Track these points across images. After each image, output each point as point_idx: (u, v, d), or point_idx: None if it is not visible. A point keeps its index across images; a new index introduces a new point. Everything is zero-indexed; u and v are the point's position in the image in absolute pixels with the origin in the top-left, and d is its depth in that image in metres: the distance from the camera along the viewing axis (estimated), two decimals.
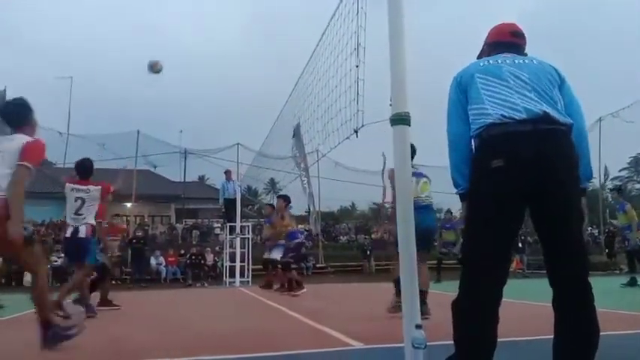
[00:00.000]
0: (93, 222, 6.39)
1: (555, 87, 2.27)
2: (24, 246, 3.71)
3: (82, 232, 6.20)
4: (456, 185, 2.35)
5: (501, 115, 2.14)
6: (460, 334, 2.13)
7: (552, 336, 2.15)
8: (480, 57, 2.59)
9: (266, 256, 11.00)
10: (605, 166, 28.31)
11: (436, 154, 2.41)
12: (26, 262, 3.97)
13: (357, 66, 3.73)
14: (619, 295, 9.15)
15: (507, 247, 2.17)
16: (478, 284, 2.12)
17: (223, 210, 16.17)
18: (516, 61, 2.31)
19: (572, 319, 2.10)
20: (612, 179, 34.52)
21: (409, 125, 2.88)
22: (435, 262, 13.84)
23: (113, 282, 17.75)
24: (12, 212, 3.65)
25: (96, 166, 7.54)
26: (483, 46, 2.60)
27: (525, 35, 2.52)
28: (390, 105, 2.90)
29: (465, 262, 2.22)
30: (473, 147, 2.31)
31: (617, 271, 19.75)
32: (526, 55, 2.46)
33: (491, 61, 2.35)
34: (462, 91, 2.34)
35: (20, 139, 3.87)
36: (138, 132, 25.03)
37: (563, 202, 2.11)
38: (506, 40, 2.49)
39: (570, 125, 2.20)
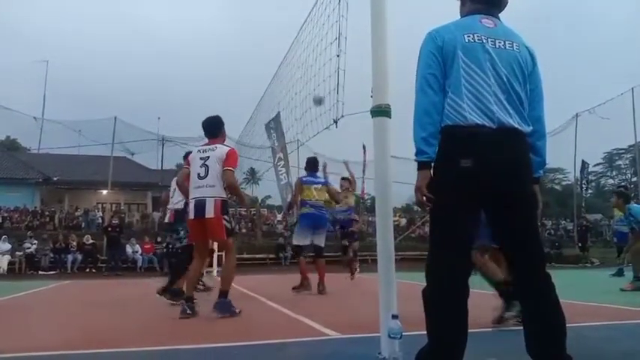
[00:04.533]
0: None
1: (526, 82, 2.30)
2: (227, 234, 5.04)
3: None
4: (420, 152, 2.23)
5: (475, 124, 2.16)
6: (431, 322, 2.16)
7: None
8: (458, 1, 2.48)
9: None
10: (583, 161, 28.76)
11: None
12: (225, 247, 5.32)
13: (337, 55, 3.72)
14: (589, 287, 9.35)
15: (470, 241, 2.24)
16: (445, 275, 2.16)
17: None
18: (497, 44, 2.26)
19: (537, 309, 2.16)
20: (588, 173, 35.20)
21: (390, 117, 2.89)
22: None
23: (87, 270, 17.78)
24: (240, 198, 5.68)
25: (72, 152, 7.47)
26: None
27: None
28: (372, 97, 2.90)
29: (431, 253, 2.25)
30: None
31: (589, 264, 20.16)
32: (500, 20, 2.37)
33: (476, 38, 2.25)
34: (442, 57, 2.24)
35: (222, 149, 5.12)
36: (115, 118, 24.71)
37: (524, 201, 2.22)
38: None
39: (530, 131, 2.28)
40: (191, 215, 5.09)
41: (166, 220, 6.92)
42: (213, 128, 5.35)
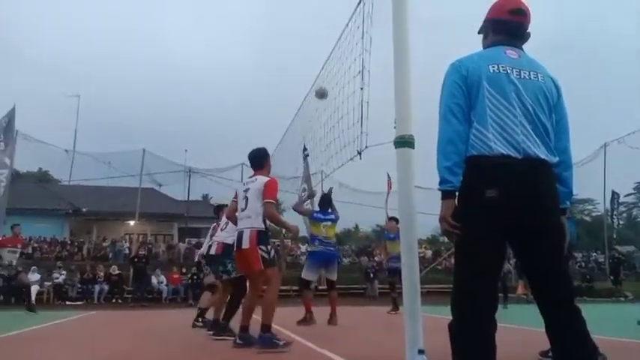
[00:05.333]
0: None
1: (552, 112, 2.29)
2: (266, 264, 4.88)
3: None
4: (444, 182, 2.22)
5: (501, 154, 2.16)
6: (457, 357, 2.12)
7: None
8: (480, 32, 2.52)
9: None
10: (613, 192, 28.12)
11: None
12: (265, 278, 4.99)
13: (361, 88, 3.75)
14: (622, 322, 9.02)
15: (496, 273, 2.21)
16: (470, 307, 2.13)
17: None
18: (522, 74, 2.26)
19: (566, 345, 2.10)
20: (619, 204, 34.38)
21: (413, 148, 2.89)
22: None
23: (113, 300, 17.90)
24: (285, 228, 5.87)
25: (101, 183, 7.54)
26: (484, 21, 2.51)
27: (529, 12, 2.42)
28: (395, 128, 2.91)
29: (456, 285, 2.22)
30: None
31: (623, 298, 19.51)
32: (524, 51, 2.39)
33: (500, 69, 2.25)
34: (466, 87, 2.25)
35: (260, 180, 5.13)
36: (144, 150, 25.18)
37: (550, 233, 2.19)
38: (504, 19, 2.41)
39: (556, 162, 2.27)
40: (235, 247, 5.16)
41: (212, 252, 6.67)
42: (257, 160, 5.44)
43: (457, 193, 2.24)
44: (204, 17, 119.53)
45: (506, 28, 2.40)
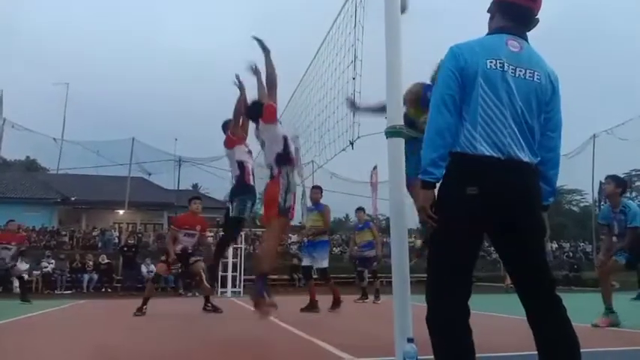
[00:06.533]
0: None
1: (541, 113, 2.27)
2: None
3: None
4: (426, 172, 2.21)
5: (484, 155, 2.16)
6: (436, 348, 2.14)
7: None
8: (488, 11, 2.44)
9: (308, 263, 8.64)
10: (601, 182, 28.38)
11: None
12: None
13: (353, 78, 3.75)
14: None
15: (471, 265, 2.23)
16: (448, 300, 2.15)
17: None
18: (518, 72, 2.22)
19: (549, 334, 2.13)
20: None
21: (404, 138, 2.90)
22: None
23: (102, 290, 17.84)
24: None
25: (90, 172, 7.56)
26: (492, 2, 2.41)
27: None
28: (386, 118, 2.92)
29: (431, 276, 2.24)
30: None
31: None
32: (527, 42, 2.33)
33: (497, 65, 2.20)
34: (462, 79, 2.21)
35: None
36: (133, 139, 25.05)
37: (531, 231, 2.21)
38: (513, 1, 2.32)
39: (541, 161, 2.29)
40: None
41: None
42: (253, 113, 5.58)
43: (437, 186, 2.24)
44: (199, 8, 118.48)
45: (515, 11, 2.32)
